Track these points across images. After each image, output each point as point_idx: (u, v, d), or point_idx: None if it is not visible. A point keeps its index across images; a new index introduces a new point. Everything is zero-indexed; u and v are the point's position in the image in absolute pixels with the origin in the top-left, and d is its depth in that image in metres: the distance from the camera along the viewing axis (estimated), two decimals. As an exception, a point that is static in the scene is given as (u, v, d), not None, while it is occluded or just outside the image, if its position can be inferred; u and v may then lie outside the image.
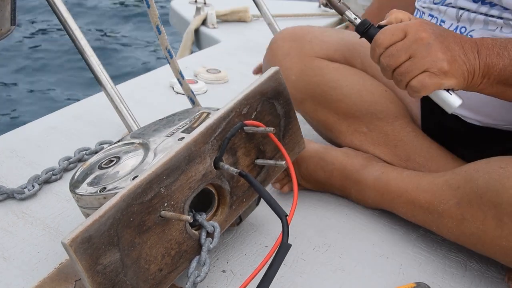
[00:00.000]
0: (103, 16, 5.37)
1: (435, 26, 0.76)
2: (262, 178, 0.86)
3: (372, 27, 0.78)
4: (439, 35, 0.74)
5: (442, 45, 0.72)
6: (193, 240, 0.74)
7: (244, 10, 2.40)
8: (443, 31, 0.75)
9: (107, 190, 0.74)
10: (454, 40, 0.74)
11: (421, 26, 0.74)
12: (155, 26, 1.13)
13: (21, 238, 0.91)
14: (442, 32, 0.75)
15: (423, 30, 0.73)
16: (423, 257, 0.92)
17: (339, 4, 0.76)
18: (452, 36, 0.75)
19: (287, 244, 0.69)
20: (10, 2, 0.98)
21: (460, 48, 0.73)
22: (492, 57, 0.73)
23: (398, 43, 0.74)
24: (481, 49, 0.73)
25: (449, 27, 0.90)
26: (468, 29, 0.87)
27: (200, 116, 0.88)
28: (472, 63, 0.73)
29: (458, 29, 0.89)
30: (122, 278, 0.64)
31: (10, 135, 1.26)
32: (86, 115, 1.38)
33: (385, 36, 0.75)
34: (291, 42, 1.10)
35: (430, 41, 0.72)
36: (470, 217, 0.80)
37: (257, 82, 0.82)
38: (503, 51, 0.72)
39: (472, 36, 0.86)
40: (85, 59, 1.15)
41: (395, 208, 0.95)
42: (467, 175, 0.81)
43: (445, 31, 0.76)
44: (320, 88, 1.06)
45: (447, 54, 0.72)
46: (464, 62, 0.73)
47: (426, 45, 0.72)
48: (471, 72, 0.73)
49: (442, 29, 0.77)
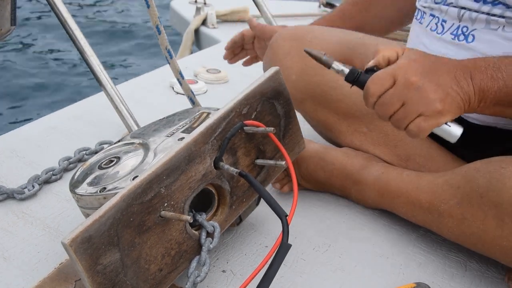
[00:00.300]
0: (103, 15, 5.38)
1: (424, 60, 0.74)
2: (262, 178, 0.86)
3: (362, 74, 0.77)
4: (429, 71, 0.72)
5: (433, 84, 0.72)
6: (193, 240, 0.74)
7: (244, 10, 2.40)
8: (433, 63, 0.74)
9: (107, 190, 0.74)
10: (445, 69, 0.73)
11: (410, 68, 0.72)
12: (155, 26, 1.13)
13: (21, 238, 0.91)
14: (432, 65, 0.73)
15: (412, 72, 0.72)
16: (423, 257, 0.92)
17: (324, 58, 0.76)
18: (443, 65, 0.73)
19: (287, 244, 0.69)
20: (10, 2, 0.98)
21: (452, 78, 0.72)
22: (486, 81, 0.72)
23: (389, 91, 0.73)
24: (474, 73, 0.72)
25: (450, 27, 0.90)
26: (470, 29, 0.87)
27: (200, 116, 0.88)
28: (466, 90, 0.72)
29: (460, 29, 0.89)
30: (122, 278, 0.64)
31: (10, 135, 1.26)
32: (86, 115, 1.38)
33: (376, 85, 0.74)
34: (291, 41, 1.10)
35: (420, 84, 0.71)
36: (470, 217, 0.80)
37: (257, 82, 0.82)
38: (496, 73, 0.71)
39: (474, 36, 0.86)
40: (85, 59, 1.15)
41: (395, 208, 0.95)
42: (468, 175, 0.81)
43: (435, 63, 0.74)
44: (320, 88, 1.06)
45: (439, 92, 0.71)
46: (458, 93, 0.72)
47: (417, 89, 0.71)
48: (466, 101, 0.73)
49: (432, 60, 0.75)
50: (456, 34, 0.89)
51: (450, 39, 0.90)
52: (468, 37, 0.87)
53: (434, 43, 0.93)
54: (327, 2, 2.68)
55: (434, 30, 0.94)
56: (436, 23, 0.94)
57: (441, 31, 0.92)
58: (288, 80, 1.06)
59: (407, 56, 0.75)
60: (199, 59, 1.90)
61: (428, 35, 0.95)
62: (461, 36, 0.88)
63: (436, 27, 0.93)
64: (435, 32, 0.93)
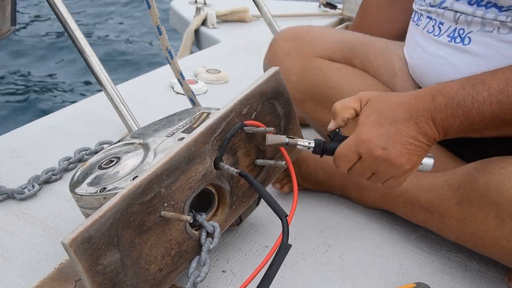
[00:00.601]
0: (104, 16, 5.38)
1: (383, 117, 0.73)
2: (262, 178, 0.86)
3: (326, 144, 0.78)
4: (393, 135, 0.72)
5: (397, 150, 0.72)
6: (193, 240, 0.74)
7: (244, 10, 2.40)
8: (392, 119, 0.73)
9: (107, 190, 0.74)
10: (405, 119, 0.73)
11: (371, 141, 0.73)
12: (156, 26, 1.13)
13: (21, 238, 0.91)
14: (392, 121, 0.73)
15: (375, 145, 0.72)
16: (423, 257, 0.92)
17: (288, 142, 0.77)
18: (403, 114, 0.73)
19: (287, 244, 0.69)
20: (10, 2, 0.98)
21: (415, 128, 0.72)
22: (447, 119, 0.72)
23: (357, 165, 0.75)
24: (435, 116, 0.72)
25: (447, 29, 0.90)
26: (466, 31, 0.87)
27: (200, 116, 0.88)
28: (431, 134, 0.73)
29: (457, 31, 0.89)
30: (122, 278, 0.64)
31: (10, 135, 1.26)
32: (86, 115, 1.38)
33: (343, 162, 0.76)
34: (291, 42, 1.10)
35: (385, 157, 0.72)
36: (470, 217, 0.80)
37: (257, 82, 0.82)
38: (456, 109, 0.71)
39: (470, 39, 0.86)
40: (85, 59, 1.15)
41: (395, 208, 0.95)
42: (468, 175, 0.81)
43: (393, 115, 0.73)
44: (320, 88, 1.06)
45: (404, 155, 0.72)
46: (423, 142, 0.73)
47: (383, 161, 0.73)
48: (432, 141, 0.74)
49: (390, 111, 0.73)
50: (452, 36, 0.89)
51: (447, 42, 0.90)
52: (464, 40, 0.87)
53: (431, 45, 0.93)
54: (327, 2, 2.68)
55: (431, 32, 0.94)
56: (433, 26, 0.94)
57: (438, 33, 0.92)
58: (288, 80, 1.06)
59: (366, 122, 0.75)
60: (199, 59, 1.90)
61: (424, 37, 0.95)
62: (457, 38, 0.89)
63: (433, 29, 0.94)
64: (432, 34, 0.94)
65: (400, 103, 0.74)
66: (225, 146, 0.76)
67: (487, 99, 0.70)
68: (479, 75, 0.73)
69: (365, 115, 0.75)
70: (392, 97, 0.76)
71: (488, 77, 0.71)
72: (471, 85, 0.72)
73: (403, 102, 0.74)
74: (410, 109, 0.73)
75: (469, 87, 0.71)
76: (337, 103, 0.79)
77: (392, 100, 0.75)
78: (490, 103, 0.70)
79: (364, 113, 0.76)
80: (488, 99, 0.70)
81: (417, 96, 0.74)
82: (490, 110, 0.70)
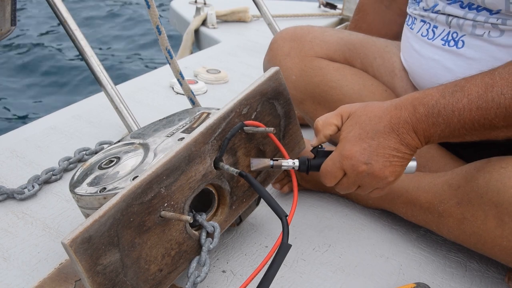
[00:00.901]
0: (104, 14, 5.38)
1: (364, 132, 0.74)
2: (262, 179, 0.86)
3: (311, 160, 0.80)
4: (375, 149, 0.73)
5: (380, 163, 0.74)
6: (193, 240, 0.74)
7: (244, 10, 2.40)
8: (374, 132, 0.74)
9: (107, 190, 0.74)
10: (388, 135, 0.73)
11: (354, 157, 0.74)
12: (155, 26, 1.13)
13: (21, 238, 0.91)
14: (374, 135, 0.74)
15: (358, 161, 0.74)
16: (423, 257, 0.92)
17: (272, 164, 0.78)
18: (386, 131, 0.73)
19: (287, 244, 0.68)
20: (10, 2, 0.98)
21: (397, 140, 0.73)
22: (429, 129, 0.73)
23: (343, 180, 0.78)
24: (417, 126, 0.73)
25: (441, 33, 0.91)
26: (459, 34, 0.88)
27: (200, 116, 0.88)
28: (413, 144, 0.74)
29: (450, 34, 0.89)
30: (122, 278, 0.64)
31: (10, 135, 1.26)
32: (86, 115, 1.38)
33: (329, 179, 0.78)
34: (291, 42, 1.10)
35: (369, 171, 0.74)
36: (470, 217, 0.80)
37: (257, 82, 0.82)
38: (437, 119, 0.72)
39: (464, 42, 0.87)
40: (85, 59, 1.15)
41: (395, 208, 0.95)
42: (468, 175, 0.81)
43: (375, 129, 0.74)
44: (320, 88, 1.06)
45: (388, 168, 0.74)
46: (405, 152, 0.74)
47: (367, 175, 0.75)
48: (414, 150, 0.75)
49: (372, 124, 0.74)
50: (446, 40, 0.90)
51: (441, 45, 0.91)
52: (458, 43, 0.88)
53: (425, 49, 0.94)
54: (327, 2, 2.68)
55: (425, 36, 0.94)
56: (427, 29, 0.94)
57: (432, 37, 0.93)
58: (288, 80, 1.06)
59: (348, 138, 0.76)
60: (199, 59, 1.90)
61: (419, 41, 0.96)
62: (451, 41, 0.89)
63: (427, 33, 0.94)
64: (426, 37, 0.94)
65: (381, 116, 0.74)
66: (225, 146, 0.76)
67: (467, 106, 0.70)
68: (459, 81, 0.73)
69: (347, 131, 0.76)
70: (373, 109, 0.76)
71: (468, 83, 0.71)
72: (450, 93, 0.72)
73: (383, 115, 0.74)
74: (391, 121, 0.74)
75: (449, 95, 0.72)
76: (319, 119, 0.79)
77: (372, 113, 0.75)
78: (470, 110, 0.70)
79: (346, 129, 0.77)
80: (468, 106, 0.70)
81: (398, 107, 0.74)
82: (470, 117, 0.70)
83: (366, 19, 1.25)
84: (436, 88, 0.74)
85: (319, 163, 0.79)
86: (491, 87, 0.69)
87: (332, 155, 0.77)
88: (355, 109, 0.77)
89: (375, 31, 1.16)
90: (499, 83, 0.68)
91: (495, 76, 0.69)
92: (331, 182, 0.78)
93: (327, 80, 1.06)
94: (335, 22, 2.57)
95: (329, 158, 0.78)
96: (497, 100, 0.68)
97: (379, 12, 1.23)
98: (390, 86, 1.05)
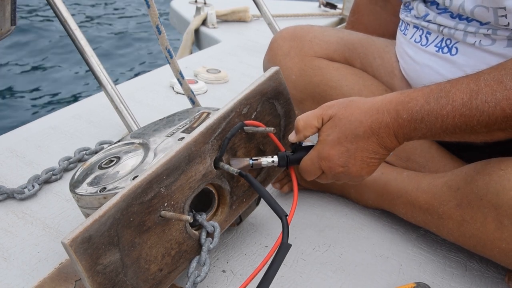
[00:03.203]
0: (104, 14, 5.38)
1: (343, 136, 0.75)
2: (262, 178, 0.86)
3: (290, 156, 0.80)
4: (353, 153, 0.74)
5: (357, 166, 0.75)
6: (193, 240, 0.74)
7: (244, 10, 2.40)
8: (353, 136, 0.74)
9: (107, 190, 0.74)
10: (368, 138, 0.74)
11: (332, 159, 0.75)
12: (155, 26, 1.13)
13: (21, 238, 0.91)
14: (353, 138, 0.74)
15: (336, 163, 0.75)
16: (423, 257, 0.92)
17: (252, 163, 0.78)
18: (366, 136, 0.74)
19: (287, 244, 0.68)
20: (10, 2, 0.98)
21: (376, 143, 0.74)
22: (410, 133, 0.73)
23: (321, 177, 0.80)
24: (398, 131, 0.73)
25: (435, 39, 0.91)
26: (452, 41, 0.88)
27: (200, 116, 0.88)
28: (391, 146, 0.75)
29: (444, 41, 0.90)
30: (122, 278, 0.64)
31: (10, 135, 1.26)
32: (86, 115, 1.38)
33: (308, 176, 0.80)
34: (291, 41, 1.10)
35: (346, 173, 0.76)
36: (470, 219, 0.79)
37: (257, 82, 0.82)
38: (419, 124, 0.72)
39: (457, 49, 0.87)
40: (85, 59, 1.15)
41: (395, 209, 0.95)
42: (467, 176, 0.81)
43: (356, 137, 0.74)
44: (320, 88, 1.06)
45: (364, 169, 0.76)
46: (383, 154, 0.75)
47: (344, 174, 0.76)
48: (392, 150, 0.76)
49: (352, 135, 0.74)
50: (440, 46, 0.90)
51: (434, 51, 0.91)
52: (451, 50, 0.88)
53: (419, 55, 0.94)
54: (327, 2, 2.68)
55: (419, 42, 0.94)
56: (420, 35, 0.94)
57: (425, 43, 0.93)
58: (288, 80, 1.06)
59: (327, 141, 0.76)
60: (199, 59, 1.90)
61: (412, 47, 0.96)
62: (445, 48, 0.89)
63: (420, 39, 0.94)
64: (419, 44, 0.94)
65: (361, 120, 0.74)
66: (225, 146, 0.76)
67: (451, 113, 0.70)
68: (444, 84, 0.72)
69: (326, 133, 0.77)
70: (354, 112, 0.76)
71: (453, 88, 0.71)
72: (435, 98, 0.71)
73: (364, 119, 0.74)
74: (372, 126, 0.74)
75: (434, 101, 0.71)
76: (300, 119, 0.79)
77: (353, 116, 0.75)
78: (454, 117, 0.70)
79: (325, 131, 0.77)
80: (452, 113, 0.70)
81: (380, 111, 0.74)
82: (453, 123, 0.70)
83: (362, 21, 1.25)
84: (421, 90, 0.73)
85: (298, 158, 0.80)
86: (476, 94, 0.68)
87: (310, 154, 0.78)
88: (336, 111, 0.77)
89: (372, 32, 1.16)
90: (483, 90, 0.68)
91: (480, 82, 0.69)
92: (310, 178, 0.80)
93: (327, 80, 1.06)
94: (335, 22, 2.57)
95: (307, 157, 0.78)
96: (481, 107, 0.68)
97: (374, 13, 1.23)
98: (389, 86, 1.05)
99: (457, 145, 0.99)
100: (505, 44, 0.81)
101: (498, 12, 0.78)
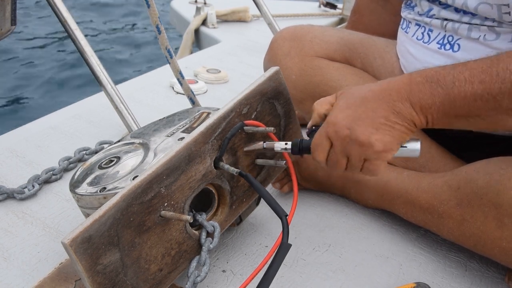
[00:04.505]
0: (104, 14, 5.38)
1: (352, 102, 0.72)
2: (262, 178, 0.86)
3: (303, 142, 0.78)
4: (359, 115, 0.70)
5: (363, 128, 0.70)
6: (193, 240, 0.74)
7: (244, 10, 2.40)
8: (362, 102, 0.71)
9: (107, 190, 0.74)
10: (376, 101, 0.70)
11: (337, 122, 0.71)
12: (155, 26, 1.13)
13: (21, 238, 0.91)
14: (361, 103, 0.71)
15: (341, 125, 0.71)
16: (423, 257, 0.92)
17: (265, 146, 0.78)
18: (374, 97, 0.70)
19: (287, 244, 0.68)
20: (10, 2, 0.98)
21: (386, 108, 0.70)
22: (426, 98, 0.68)
23: (331, 151, 0.74)
24: (411, 96, 0.69)
25: (437, 36, 0.91)
26: (455, 38, 0.88)
27: (200, 116, 0.88)
28: (406, 114, 0.70)
29: (446, 38, 0.89)
30: (122, 278, 0.64)
31: (10, 135, 1.26)
32: (86, 115, 1.38)
33: (318, 152, 0.75)
34: (291, 41, 1.10)
35: (352, 136, 0.70)
36: (470, 218, 0.79)
37: (257, 82, 0.82)
38: (435, 88, 0.68)
39: (460, 45, 0.86)
40: (85, 59, 1.15)
41: (395, 209, 0.95)
42: (467, 176, 0.81)
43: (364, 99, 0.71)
44: (320, 88, 1.06)
45: (373, 134, 0.70)
46: (396, 122, 0.70)
47: (352, 142, 0.71)
48: (410, 123, 0.71)
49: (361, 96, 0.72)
50: (442, 43, 0.89)
51: (437, 48, 0.90)
52: (454, 46, 0.88)
53: (421, 52, 0.94)
54: (327, 2, 2.68)
55: (421, 39, 0.94)
56: (422, 33, 0.94)
57: (427, 40, 0.92)
58: (288, 80, 1.06)
59: (336, 107, 0.74)
60: (199, 59, 1.90)
61: (414, 44, 0.96)
62: (447, 45, 0.89)
63: (422, 36, 0.94)
64: (422, 41, 0.94)
65: (372, 87, 0.72)
66: (225, 146, 0.76)
67: (469, 78, 0.66)
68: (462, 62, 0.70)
69: (337, 102, 0.75)
70: (367, 84, 0.75)
71: (471, 61, 0.68)
72: (452, 66, 0.68)
73: (375, 86, 0.72)
74: (381, 89, 0.70)
75: (450, 67, 0.68)
76: (317, 101, 0.78)
77: (364, 87, 0.74)
78: (472, 83, 0.66)
79: (336, 102, 0.76)
80: (470, 78, 0.66)
81: (391, 80, 0.72)
82: (472, 90, 0.66)
83: (362, 20, 1.25)
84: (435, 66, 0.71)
85: (310, 143, 0.77)
86: (497, 62, 0.65)
87: (321, 127, 0.76)
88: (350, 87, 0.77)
89: (372, 32, 1.16)
90: (505, 60, 0.65)
91: (501, 55, 0.66)
92: (321, 156, 0.75)
93: (327, 80, 1.06)
94: (335, 22, 2.57)
95: (317, 131, 0.76)
96: (502, 74, 0.64)
97: (375, 12, 1.23)
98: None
99: (457, 145, 0.99)
100: (509, 38, 0.81)
101: (502, 8, 0.78)
